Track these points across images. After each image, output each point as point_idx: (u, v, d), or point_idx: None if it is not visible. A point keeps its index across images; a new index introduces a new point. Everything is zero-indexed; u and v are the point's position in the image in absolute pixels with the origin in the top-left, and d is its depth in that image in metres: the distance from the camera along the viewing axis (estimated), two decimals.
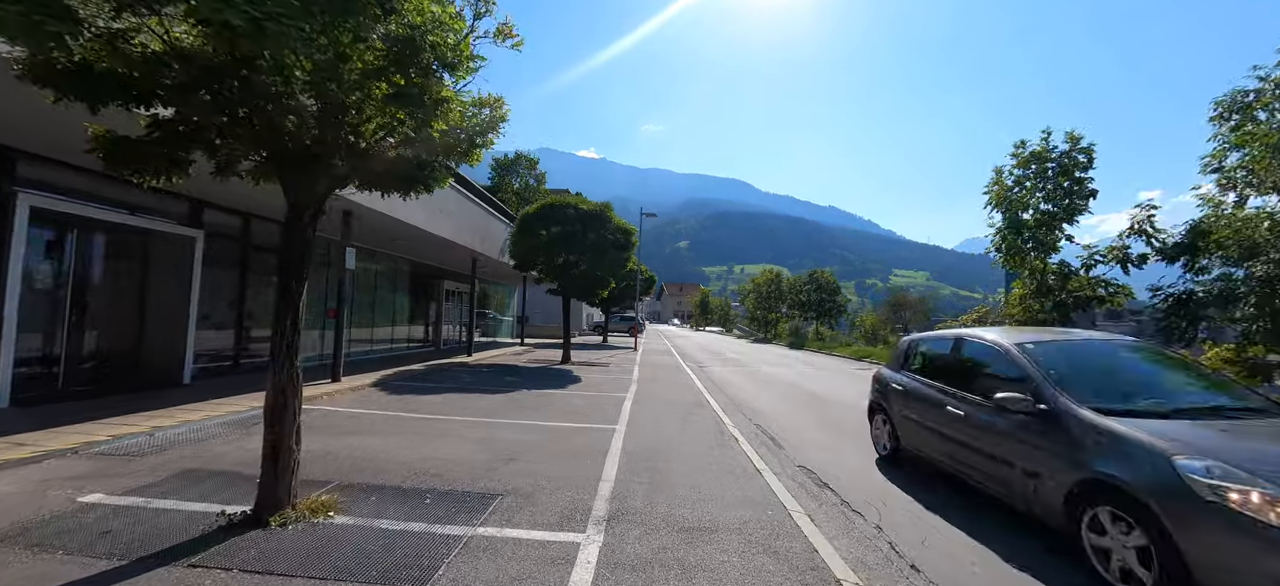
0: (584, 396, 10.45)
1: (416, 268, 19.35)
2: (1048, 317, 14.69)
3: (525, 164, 38.31)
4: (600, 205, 16.87)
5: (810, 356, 25.99)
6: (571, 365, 16.93)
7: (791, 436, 7.71)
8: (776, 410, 9.92)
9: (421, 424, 7.37)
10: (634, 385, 12.48)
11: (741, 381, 14.49)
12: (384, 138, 4.05)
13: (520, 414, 8.37)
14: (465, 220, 15.55)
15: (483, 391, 10.56)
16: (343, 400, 8.91)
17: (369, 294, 16.25)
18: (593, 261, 16.67)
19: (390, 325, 17.49)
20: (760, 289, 43.78)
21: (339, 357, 10.60)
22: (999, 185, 15.74)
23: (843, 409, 10.21)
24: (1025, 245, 15.09)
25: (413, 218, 11.93)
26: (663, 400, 10.41)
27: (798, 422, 8.78)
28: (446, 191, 13.83)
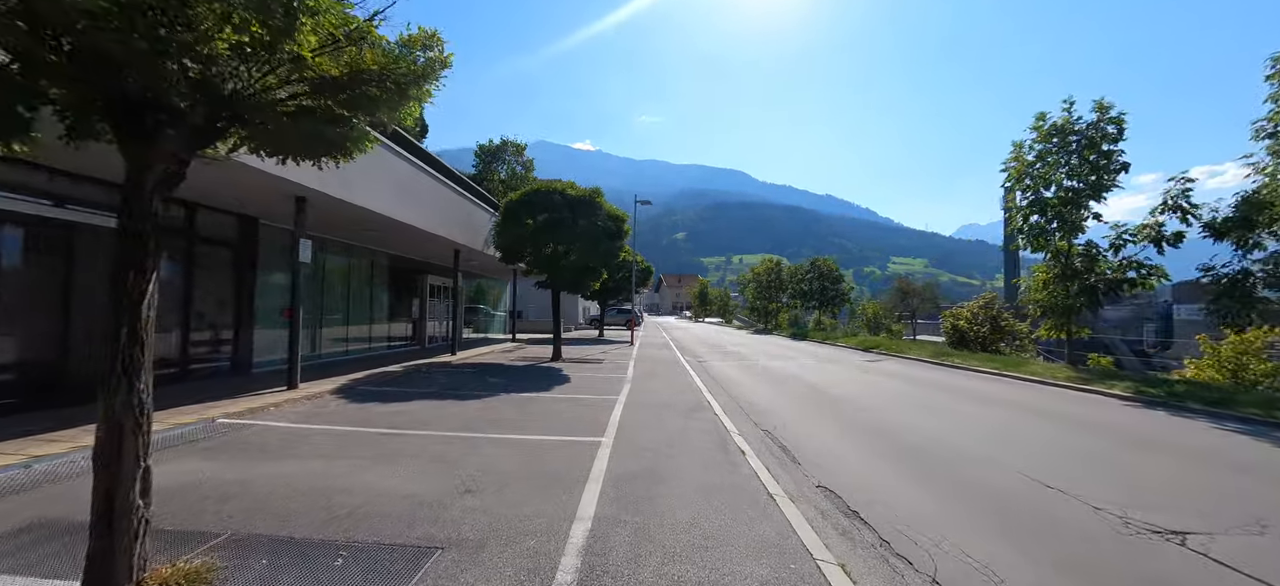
0: (571, 400, 9.37)
1: (397, 262, 18.20)
2: (1074, 303, 13.62)
3: (512, 150, 36.50)
4: (590, 191, 15.72)
5: (814, 347, 24.95)
6: (562, 363, 15.83)
7: (807, 446, 6.64)
8: (785, 412, 8.84)
9: (375, 442, 6.27)
10: (627, 385, 11.40)
11: (744, 377, 13.42)
12: (250, 72, 2.91)
13: (494, 425, 7.27)
14: (443, 209, 14.39)
15: (458, 397, 9.47)
16: (290, 412, 7.80)
17: (342, 290, 15.12)
18: (583, 251, 15.53)
19: (368, 324, 16.37)
20: (760, 278, 42.66)
21: (295, 362, 9.48)
22: (1018, 161, 14.62)
23: (857, 408, 9.13)
24: (1048, 225, 13.98)
25: (376, 204, 10.78)
26: (658, 402, 9.33)
27: (811, 427, 7.71)
28: (418, 176, 12.68)
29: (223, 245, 10.97)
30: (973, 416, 8.67)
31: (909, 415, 8.71)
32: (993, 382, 12.65)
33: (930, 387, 11.88)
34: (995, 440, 7.06)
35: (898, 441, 6.92)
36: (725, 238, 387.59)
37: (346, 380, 10.80)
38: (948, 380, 13.05)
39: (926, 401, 10.07)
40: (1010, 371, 13.40)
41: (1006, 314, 28.20)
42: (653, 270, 35.07)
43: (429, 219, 13.42)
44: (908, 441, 6.93)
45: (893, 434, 7.35)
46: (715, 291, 76.76)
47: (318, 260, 14.06)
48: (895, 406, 9.47)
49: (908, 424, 8.03)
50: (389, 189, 11.29)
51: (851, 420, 8.25)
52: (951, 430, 7.60)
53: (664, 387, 11.17)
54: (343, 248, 15.02)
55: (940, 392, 11.15)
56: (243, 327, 11.25)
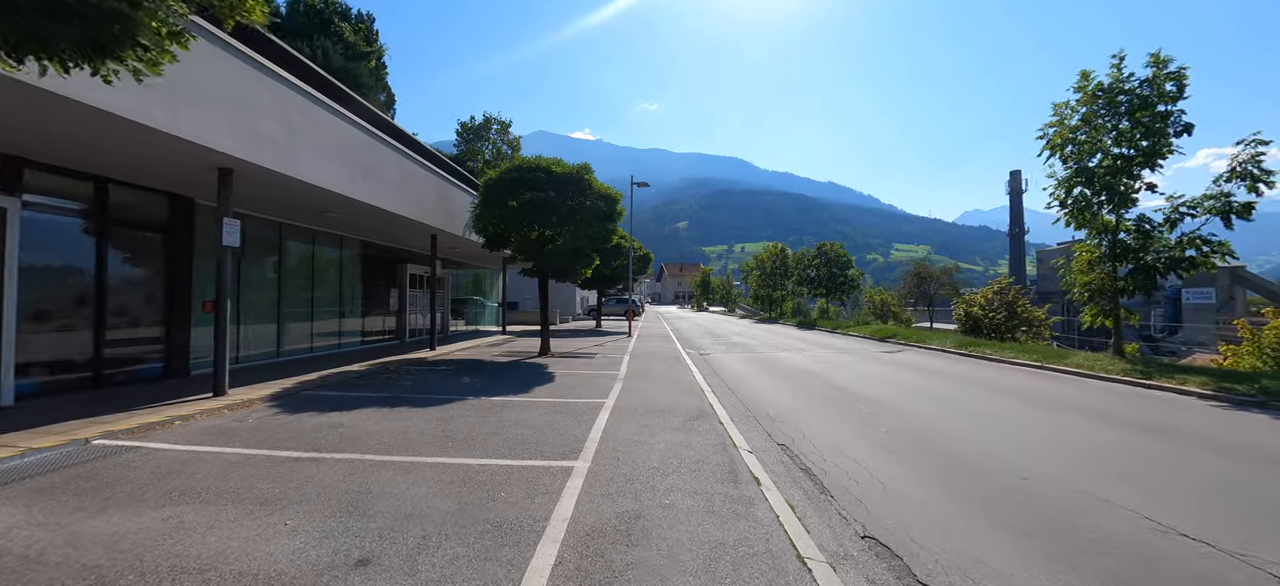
0: (548, 406, 7.91)
1: (372, 250, 16.73)
2: (1125, 285, 12.08)
3: (497, 128, 34.54)
4: (578, 167, 14.16)
5: (823, 337, 23.46)
6: (549, 358, 14.38)
7: (837, 470, 5.17)
8: (802, 417, 7.37)
9: (278, 472, 4.82)
10: (619, 384, 9.94)
11: (751, 373, 11.95)
12: None
13: (444, 443, 5.82)
14: (413, 189, 12.88)
15: (416, 402, 8.02)
16: (197, 428, 6.35)
17: (306, 281, 13.65)
18: (573, 234, 14.02)
19: (337, 318, 14.93)
20: (764, 265, 41.07)
21: (221, 364, 8.03)
22: (1060, 126, 12.99)
23: (887, 412, 7.65)
24: (1095, 197, 12.39)
25: (326, 179, 9.28)
26: (653, 407, 7.87)
27: (836, 438, 6.24)
28: (379, 150, 11.16)
29: (150, 229, 9.50)
30: (1033, 424, 7.19)
31: (953, 421, 7.23)
32: (1035, 378, 11.15)
33: (965, 384, 10.40)
34: (1078, 460, 5.57)
35: (952, 460, 5.45)
36: (727, 226, 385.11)
37: (293, 383, 9.36)
38: (981, 374, 11.56)
39: (968, 403, 8.59)
40: (1051, 364, 11.89)
41: (1023, 299, 26.72)
42: (652, 257, 33.56)
43: (395, 199, 11.92)
44: (964, 460, 5.46)
45: (942, 449, 5.87)
46: (717, 280, 75.25)
47: (281, 249, 12.60)
48: (932, 408, 7.99)
49: (955, 434, 6.55)
50: (341, 162, 9.78)
51: (883, 428, 6.78)
52: (1016, 445, 6.12)
53: (661, 388, 9.70)
54: (306, 234, 13.54)
55: (979, 391, 9.67)
56: (176, 325, 9.80)
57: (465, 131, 34.38)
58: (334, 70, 19.61)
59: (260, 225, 11.98)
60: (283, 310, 12.75)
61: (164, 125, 6.34)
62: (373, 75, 22.53)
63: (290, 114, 8.40)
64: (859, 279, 34.05)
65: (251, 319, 11.80)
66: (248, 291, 11.70)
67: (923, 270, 26.24)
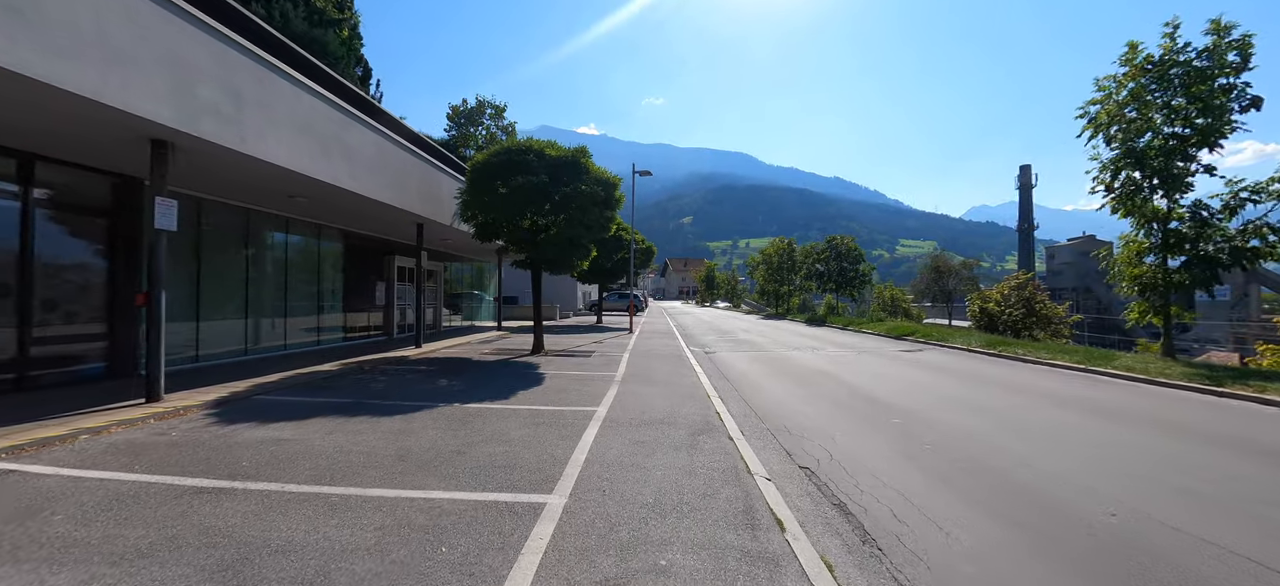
0: (531, 415, 6.83)
1: (355, 240, 15.69)
2: (1180, 278, 10.88)
3: (491, 112, 32.92)
4: (573, 150, 13.05)
5: (834, 334, 22.31)
6: (542, 356, 13.32)
7: (880, 506, 4.08)
8: (826, 432, 6.27)
9: (168, 511, 3.78)
10: (614, 389, 8.86)
11: (762, 375, 10.85)
12: None
13: (393, 468, 4.76)
14: (393, 172, 11.81)
15: (380, 411, 6.96)
16: (96, 448, 5.31)
17: (276, 273, 12.63)
18: (568, 223, 12.92)
19: (314, 313, 13.91)
20: (771, 260, 39.84)
21: (156, 366, 6.99)
22: (1106, 104, 11.77)
23: (925, 426, 6.54)
24: (1146, 182, 11.18)
25: (285, 157, 8.21)
26: (651, 418, 6.78)
27: (874, 461, 5.14)
28: (351, 127, 10.09)
29: (90, 213, 8.48)
30: (1100, 441, 6.07)
31: (1003, 436, 6.12)
32: (1080, 383, 10.01)
33: (1002, 389, 9.27)
34: (1178, 495, 4.45)
35: (1016, 489, 4.35)
36: (732, 221, 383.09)
37: (249, 385, 8.33)
38: (1017, 378, 10.42)
39: (1013, 413, 7.46)
40: (1096, 366, 10.72)
41: (1042, 295, 25.47)
42: (655, 250, 32.42)
43: (371, 183, 10.85)
44: (1030, 489, 4.36)
45: (1000, 474, 4.77)
46: (722, 275, 74.05)
47: (249, 237, 11.58)
48: (974, 420, 6.88)
49: (1010, 453, 5.44)
50: (302, 137, 8.71)
51: (924, 445, 5.67)
52: (1088, 469, 5.00)
53: (661, 393, 8.62)
54: (278, 221, 12.51)
55: (1022, 398, 8.54)
56: (122, 320, 8.78)
57: (457, 116, 32.69)
58: (294, 36, 18.38)
59: (223, 211, 10.96)
60: (252, 304, 11.73)
61: (79, 88, 5.30)
62: (345, 45, 20.97)
63: (236, 80, 7.33)
64: (870, 274, 32.83)
65: (215, 314, 10.79)
66: (211, 284, 10.69)
67: (941, 264, 24.98)
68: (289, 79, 8.40)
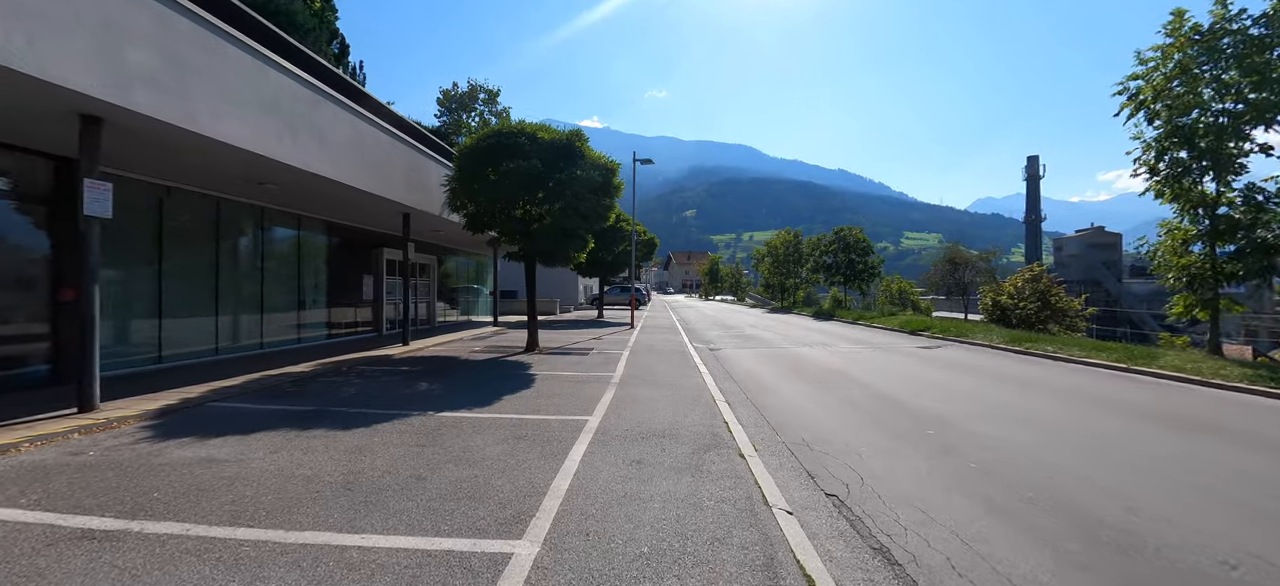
0: (513, 426, 5.99)
1: (338, 232, 14.86)
2: (1233, 268, 9.94)
3: (484, 97, 31.59)
4: (568, 134, 12.16)
5: (844, 329, 21.41)
6: (536, 355, 12.49)
7: (935, 554, 3.23)
8: (854, 447, 5.40)
9: (28, 566, 2.95)
10: (611, 392, 8.01)
11: (772, 375, 9.98)
12: None
13: (334, 502, 3.93)
14: (375, 157, 10.95)
15: (342, 422, 6.14)
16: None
17: (251, 266, 11.80)
18: (563, 212, 12.04)
19: (294, 309, 13.09)
20: (777, 252, 38.86)
21: (88, 371, 6.19)
22: (1150, 78, 10.78)
23: (973, 443, 5.66)
24: (1195, 163, 10.21)
25: (240, 136, 7.35)
26: (650, 429, 5.93)
27: (915, 487, 4.28)
28: (322, 106, 9.23)
29: (30, 200, 7.66)
30: (1178, 459, 5.19)
31: (1061, 453, 5.24)
32: (1126, 384, 9.11)
33: (1042, 393, 8.38)
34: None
35: (1096, 524, 3.49)
36: (735, 214, 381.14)
37: (204, 391, 7.52)
38: (1055, 379, 9.52)
39: (1065, 422, 6.59)
40: (1139, 366, 9.81)
41: (1058, 289, 24.50)
42: (658, 242, 31.49)
43: (347, 169, 9.99)
44: (1114, 524, 3.50)
45: (1072, 506, 3.90)
46: (726, 268, 73.10)
47: (219, 228, 10.76)
48: (1023, 433, 6.00)
49: (1074, 474, 4.58)
50: (263, 115, 7.85)
51: (972, 468, 4.80)
52: (1176, 497, 4.13)
53: (662, 397, 7.76)
54: (251, 211, 11.68)
55: (1069, 404, 7.66)
56: (67, 319, 7.96)
57: (447, 101, 31.33)
58: (256, 4, 17.41)
59: (189, 199, 10.13)
60: (223, 300, 10.92)
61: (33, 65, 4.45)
62: (316, 17, 19.59)
63: (178, 46, 6.47)
64: (880, 266, 31.84)
65: (181, 311, 9.99)
66: (177, 278, 9.89)
67: (956, 255, 24.01)
68: (247, 50, 7.53)
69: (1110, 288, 56.43)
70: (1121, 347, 11.34)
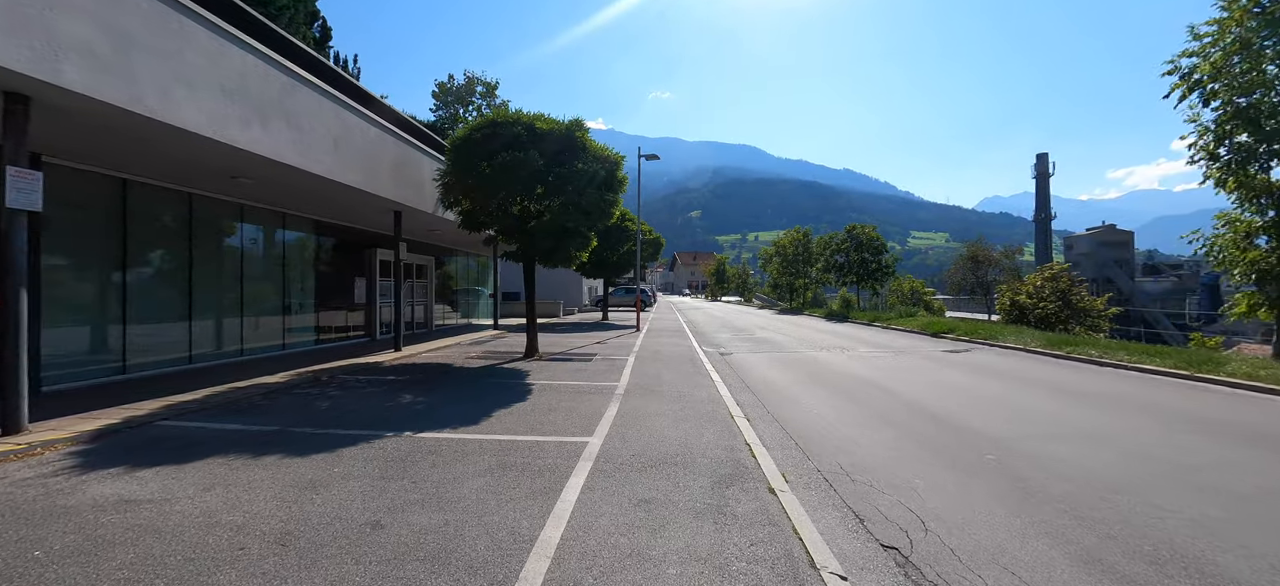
0: (500, 452, 5.13)
1: (328, 231, 14.08)
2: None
3: (482, 90, 30.24)
4: (568, 123, 11.31)
5: (860, 331, 20.45)
6: (535, 361, 11.64)
7: None
8: (906, 478, 4.51)
9: None
10: (614, 406, 7.14)
11: (791, 383, 9.08)
12: None
13: (250, 572, 3.08)
14: (359, 149, 10.15)
15: (302, 447, 5.30)
16: None
17: (230, 268, 11.02)
18: (563, 208, 11.20)
19: (278, 314, 12.31)
20: (786, 252, 37.88)
21: (14, 387, 5.40)
22: (1206, 55, 9.80)
23: (1032, 462, 4.75)
24: (1258, 145, 9.22)
25: (186, 118, 6.53)
26: (659, 456, 5.06)
27: (995, 536, 3.38)
28: (297, 91, 8.42)
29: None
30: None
31: (1159, 485, 4.33)
32: (1196, 396, 8.16)
33: (1109, 408, 7.45)
34: None
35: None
36: (740, 214, 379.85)
37: (154, 408, 6.71)
38: (1111, 388, 8.58)
39: (1142, 442, 5.67)
40: (1201, 373, 8.85)
41: (1080, 288, 23.50)
42: (664, 242, 30.63)
43: (330, 162, 9.19)
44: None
45: (1201, 562, 2.99)
46: (733, 269, 72.15)
47: (192, 227, 9.99)
48: (1100, 454, 5.09)
49: (1185, 514, 3.67)
50: (230, 101, 7.04)
51: (1060, 508, 3.90)
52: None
53: (672, 411, 6.89)
54: (229, 208, 10.90)
55: (1138, 418, 6.73)
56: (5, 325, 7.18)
57: (443, 94, 29.93)
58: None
59: (156, 194, 9.35)
60: (198, 305, 10.14)
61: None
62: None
63: (120, 17, 5.68)
64: (894, 265, 30.82)
65: (149, 316, 9.22)
66: (143, 281, 9.13)
67: (979, 253, 22.98)
68: (204, 24, 6.73)
69: (1123, 286, 55.08)
70: (1178, 352, 10.34)
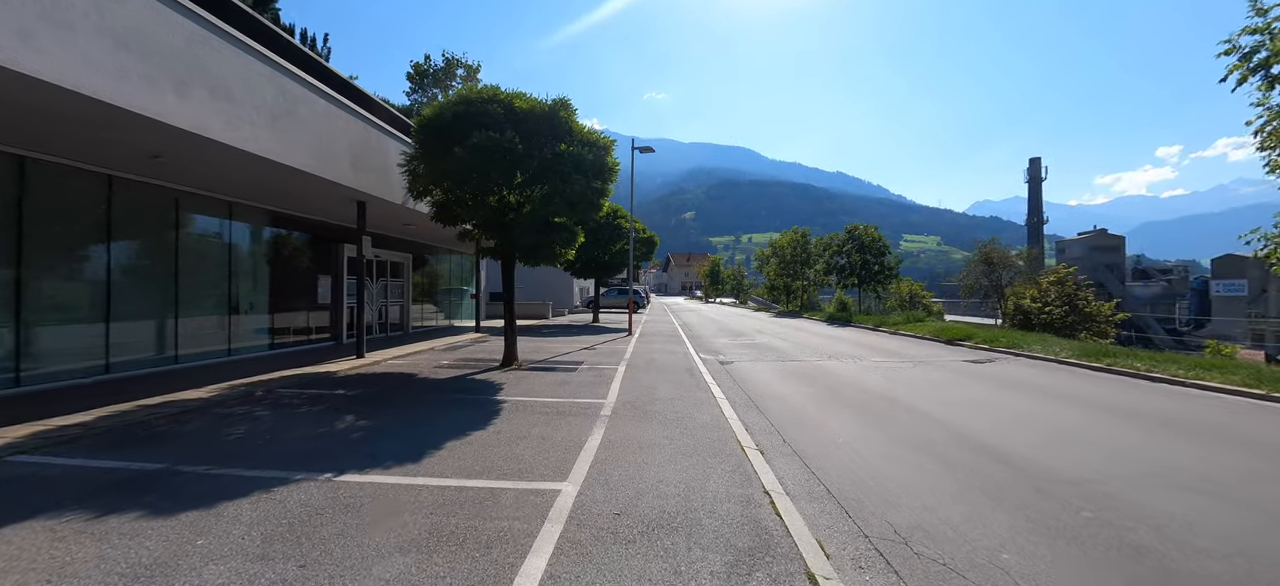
0: (434, 512, 3.84)
1: (284, 223, 12.68)
2: None
3: (464, 73, 27.86)
4: (553, 102, 10.02)
5: (866, 336, 19.30)
6: (510, 372, 10.33)
7: None
8: (989, 550, 3.27)
9: None
10: (598, 433, 5.86)
11: (806, 401, 7.84)
12: None
13: None
14: (310, 127, 8.80)
15: (174, 502, 4.00)
16: None
17: (162, 263, 9.63)
18: (546, 199, 9.92)
19: (223, 314, 10.90)
20: (784, 253, 36.75)
21: None
22: (1271, 31, 8.67)
23: (1145, 523, 3.53)
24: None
25: (74, 78, 5.19)
26: (654, 514, 3.80)
27: None
28: (218, 48, 7.08)
29: None
30: None
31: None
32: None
33: (1202, 439, 6.27)
34: None
35: None
36: (734, 216, 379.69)
37: (20, 435, 5.35)
38: (1182, 410, 7.42)
39: (1259, 490, 4.47)
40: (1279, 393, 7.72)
41: (1086, 292, 22.58)
42: (657, 241, 29.38)
43: (270, 139, 7.85)
44: None
45: None
46: (727, 270, 71.04)
47: (111, 215, 8.60)
48: (1222, 511, 3.89)
49: None
50: (119, 52, 5.69)
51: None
52: None
53: (669, 441, 5.62)
54: (162, 195, 9.51)
55: (1266, 460, 5.55)
56: None
57: (419, 76, 27.03)
58: None
59: (64, 175, 7.96)
60: (119, 304, 8.74)
61: None
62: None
63: None
64: (897, 267, 29.76)
65: (50, 318, 7.82)
66: (42, 277, 7.73)
67: (994, 254, 21.97)
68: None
69: (1114, 290, 54.65)
70: (1248, 366, 9.21)
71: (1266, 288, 42.61)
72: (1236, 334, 35.93)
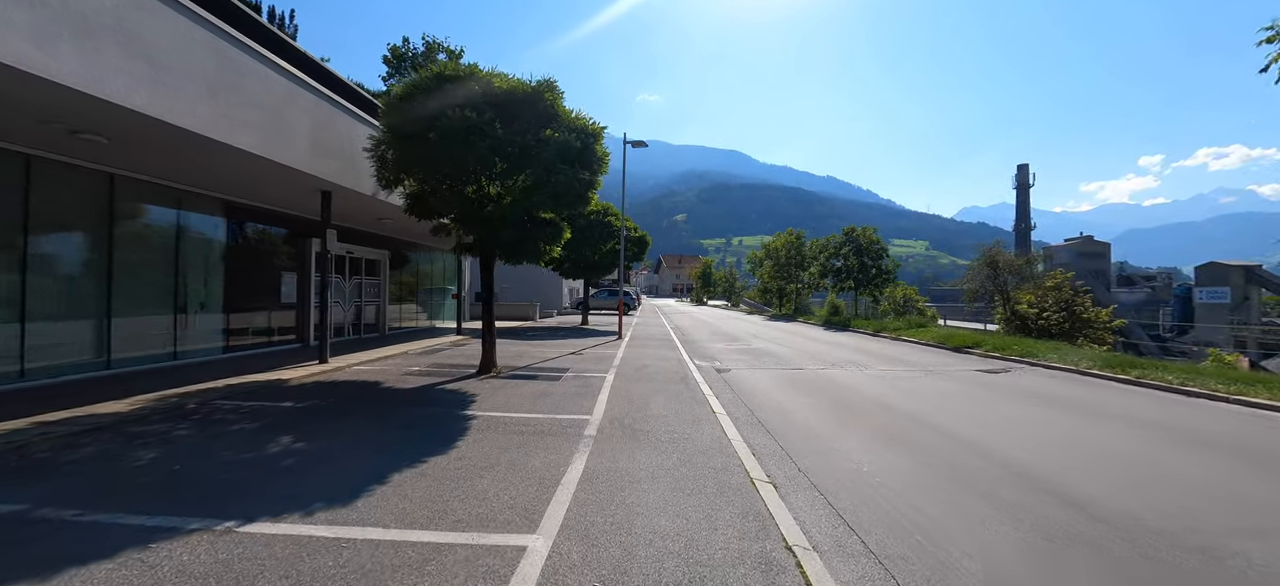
0: (356, 576, 2.89)
1: (242, 214, 11.61)
2: None
3: (445, 57, 26.27)
4: (538, 84, 9.08)
5: (867, 342, 18.52)
6: (486, 380, 9.35)
7: None
8: None
9: None
10: (579, 461, 4.93)
11: (817, 418, 6.96)
12: None
13: None
14: (263, 104, 7.78)
15: (15, 570, 3.00)
16: None
17: (95, 256, 8.55)
18: (528, 190, 8.98)
19: (168, 312, 9.83)
20: (778, 255, 36.00)
21: None
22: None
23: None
24: None
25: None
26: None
27: None
28: (144, 4, 6.05)
29: None
30: None
31: None
32: None
33: (1253, 463, 5.47)
34: None
35: None
36: (725, 219, 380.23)
37: None
38: (1236, 431, 6.65)
39: None
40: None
41: (1084, 298, 22.05)
42: (650, 240, 28.48)
43: (210, 115, 6.82)
44: None
45: None
46: (719, 272, 70.31)
47: (28, 200, 7.53)
48: None
49: None
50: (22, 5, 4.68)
51: None
52: None
53: (665, 473, 4.70)
54: (94, 179, 8.44)
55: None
56: None
57: (397, 61, 25.43)
58: None
59: None
60: (36, 303, 7.67)
61: None
62: None
63: None
64: (896, 270, 29.11)
65: None
66: None
67: (999, 258, 21.34)
68: None
69: (1099, 297, 54.76)
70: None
71: (1249, 295, 42.98)
72: (1219, 340, 36.24)
